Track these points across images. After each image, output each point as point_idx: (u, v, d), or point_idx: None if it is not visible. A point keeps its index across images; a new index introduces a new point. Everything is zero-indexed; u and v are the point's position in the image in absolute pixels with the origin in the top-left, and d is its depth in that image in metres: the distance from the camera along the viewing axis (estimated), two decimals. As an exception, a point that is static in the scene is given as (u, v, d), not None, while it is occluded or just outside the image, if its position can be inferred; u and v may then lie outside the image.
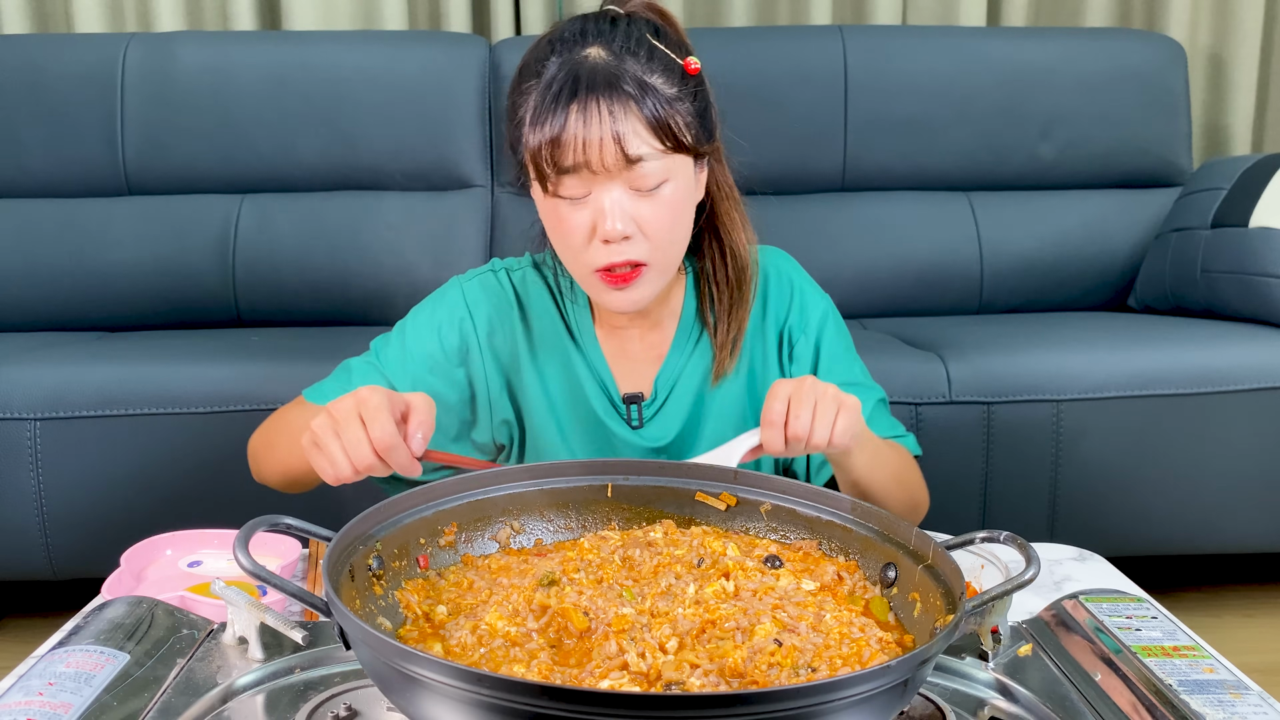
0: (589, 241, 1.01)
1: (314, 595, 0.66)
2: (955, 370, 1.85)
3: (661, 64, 1.00)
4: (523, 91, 1.02)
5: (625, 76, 0.97)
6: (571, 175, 0.98)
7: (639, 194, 1.00)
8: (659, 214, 1.01)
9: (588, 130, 0.96)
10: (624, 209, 0.99)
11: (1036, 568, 0.68)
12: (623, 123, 0.97)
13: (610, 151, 0.97)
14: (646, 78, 0.98)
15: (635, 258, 1.01)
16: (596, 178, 0.98)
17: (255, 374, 1.80)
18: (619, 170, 0.98)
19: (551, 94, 0.98)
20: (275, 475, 1.11)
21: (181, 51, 2.30)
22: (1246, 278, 2.04)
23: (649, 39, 1.01)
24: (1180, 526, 1.91)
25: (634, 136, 0.97)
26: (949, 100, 2.39)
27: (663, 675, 0.63)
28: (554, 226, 1.04)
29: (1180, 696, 0.72)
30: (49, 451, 1.75)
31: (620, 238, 0.99)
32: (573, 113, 0.96)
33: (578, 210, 1.00)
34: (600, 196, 0.99)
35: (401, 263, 2.29)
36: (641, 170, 0.98)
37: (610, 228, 0.99)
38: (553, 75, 0.99)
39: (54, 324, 2.26)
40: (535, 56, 1.03)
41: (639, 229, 1.00)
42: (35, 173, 2.30)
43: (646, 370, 1.15)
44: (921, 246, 2.39)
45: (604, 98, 0.97)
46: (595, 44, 1.00)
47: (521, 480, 0.86)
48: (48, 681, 0.71)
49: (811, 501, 0.85)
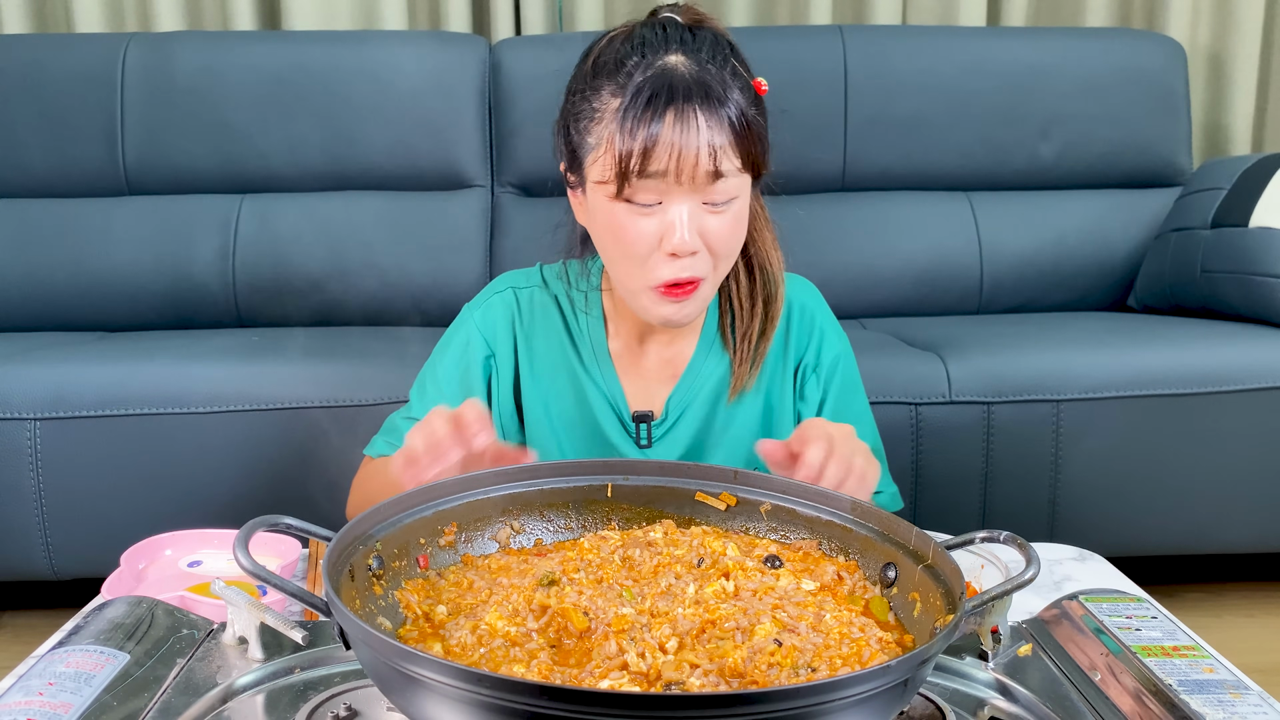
0: (652, 252, 0.99)
1: (314, 595, 0.66)
2: (955, 370, 1.85)
3: (738, 81, 0.99)
4: (596, 88, 1.00)
5: (716, 89, 0.97)
6: (651, 181, 0.97)
7: (710, 208, 0.99)
8: (725, 231, 1.00)
9: (684, 139, 0.95)
10: (694, 222, 0.98)
11: (1036, 568, 0.68)
12: (716, 135, 0.96)
13: (703, 163, 0.96)
14: (730, 93, 0.97)
15: (698, 274, 1.00)
16: (674, 188, 0.97)
17: (255, 374, 1.80)
18: (700, 183, 0.97)
19: (645, 97, 0.96)
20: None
21: (181, 51, 2.30)
22: (1246, 278, 2.04)
23: (728, 54, 1.01)
24: (1180, 526, 1.91)
25: (722, 151, 0.96)
26: (949, 100, 2.39)
27: (663, 675, 0.63)
28: (614, 232, 1.01)
29: (1180, 696, 0.72)
30: (49, 451, 1.75)
31: (689, 252, 0.98)
32: (669, 119, 0.95)
33: (645, 218, 0.99)
34: (673, 208, 0.98)
35: (401, 263, 2.29)
36: (720, 185, 0.98)
37: (681, 240, 0.97)
38: (643, 78, 0.97)
39: (54, 324, 2.27)
40: (612, 54, 1.00)
41: (705, 244, 0.99)
42: (35, 173, 2.30)
43: (659, 389, 1.14)
44: (921, 246, 2.39)
45: (701, 108, 0.96)
46: (678, 51, 0.98)
47: (521, 480, 0.86)
48: (48, 681, 0.71)
49: (811, 501, 0.85)
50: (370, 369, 1.82)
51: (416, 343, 1.88)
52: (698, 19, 1.03)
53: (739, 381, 1.12)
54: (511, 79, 2.35)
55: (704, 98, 0.96)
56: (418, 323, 2.30)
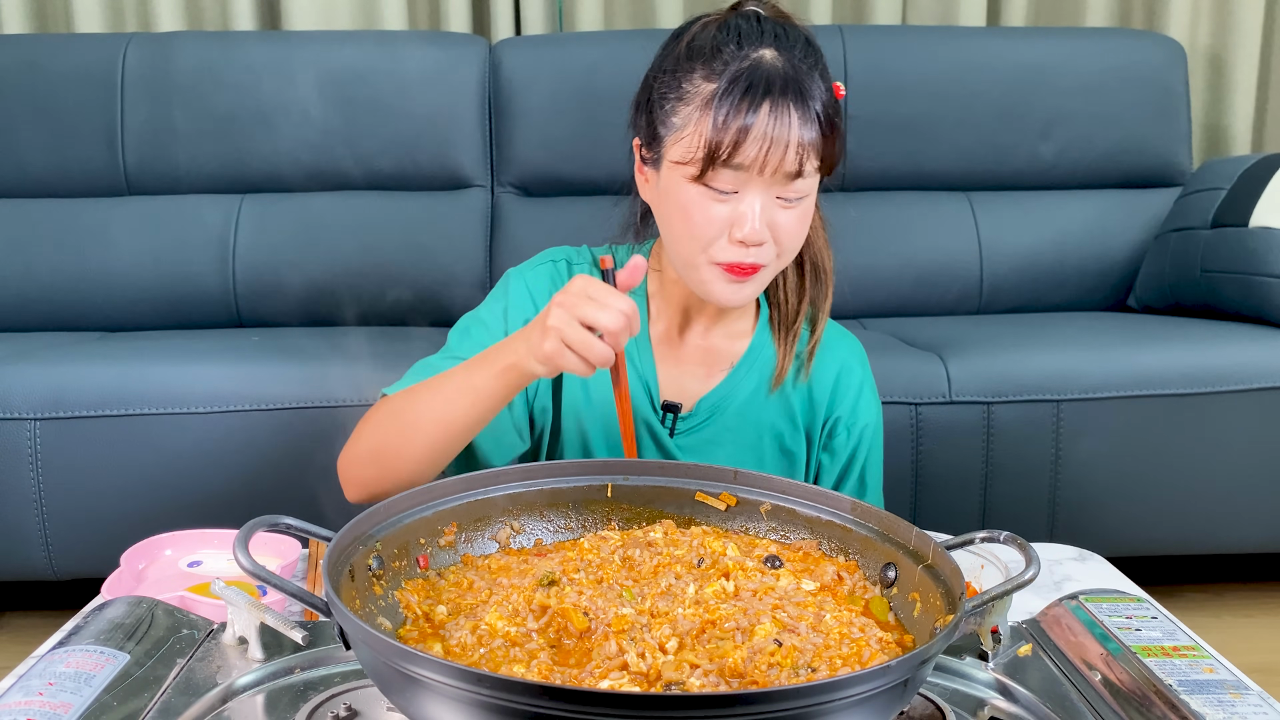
0: (720, 236, 1.01)
1: (314, 595, 0.66)
2: (955, 370, 1.85)
3: (824, 84, 1.01)
4: (689, 70, 1.01)
5: (808, 87, 0.99)
6: (733, 170, 0.99)
7: (781, 203, 1.01)
8: (793, 226, 1.02)
9: (776, 131, 0.97)
10: (766, 215, 1.00)
11: (1036, 568, 0.68)
12: (806, 132, 0.98)
13: (789, 161, 0.98)
14: (819, 93, 1.00)
15: (761, 261, 1.02)
16: (754, 179, 0.99)
17: (255, 374, 1.80)
18: (780, 178, 0.99)
19: (741, 87, 0.97)
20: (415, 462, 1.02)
21: (181, 51, 2.30)
22: (1246, 277, 2.04)
23: (817, 56, 1.03)
24: (1180, 526, 1.91)
25: (807, 149, 0.99)
26: (949, 100, 2.39)
27: (663, 675, 0.63)
28: (684, 211, 1.02)
29: (1180, 696, 0.72)
30: (49, 451, 1.75)
31: (758, 242, 1.00)
32: (764, 112, 0.97)
33: (719, 203, 1.00)
34: (749, 198, 1.00)
35: (401, 263, 2.29)
36: (797, 183, 1.00)
37: (752, 230, 0.99)
38: (739, 67, 0.98)
39: (54, 324, 2.26)
40: (708, 39, 1.02)
41: (773, 236, 1.01)
42: (35, 173, 2.30)
43: (693, 380, 1.15)
44: (921, 246, 2.39)
45: (795, 105, 0.98)
46: (771, 45, 1.00)
47: (521, 480, 0.86)
48: (48, 681, 0.71)
49: (811, 501, 0.85)
50: (370, 369, 1.82)
51: (417, 342, 1.88)
52: (783, 15, 1.05)
53: (782, 373, 1.14)
54: (511, 79, 2.35)
55: (797, 95, 0.98)
56: (418, 323, 2.30)
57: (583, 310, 0.87)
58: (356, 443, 1.06)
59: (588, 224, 2.31)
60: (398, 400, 1.05)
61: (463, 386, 0.97)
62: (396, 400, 1.05)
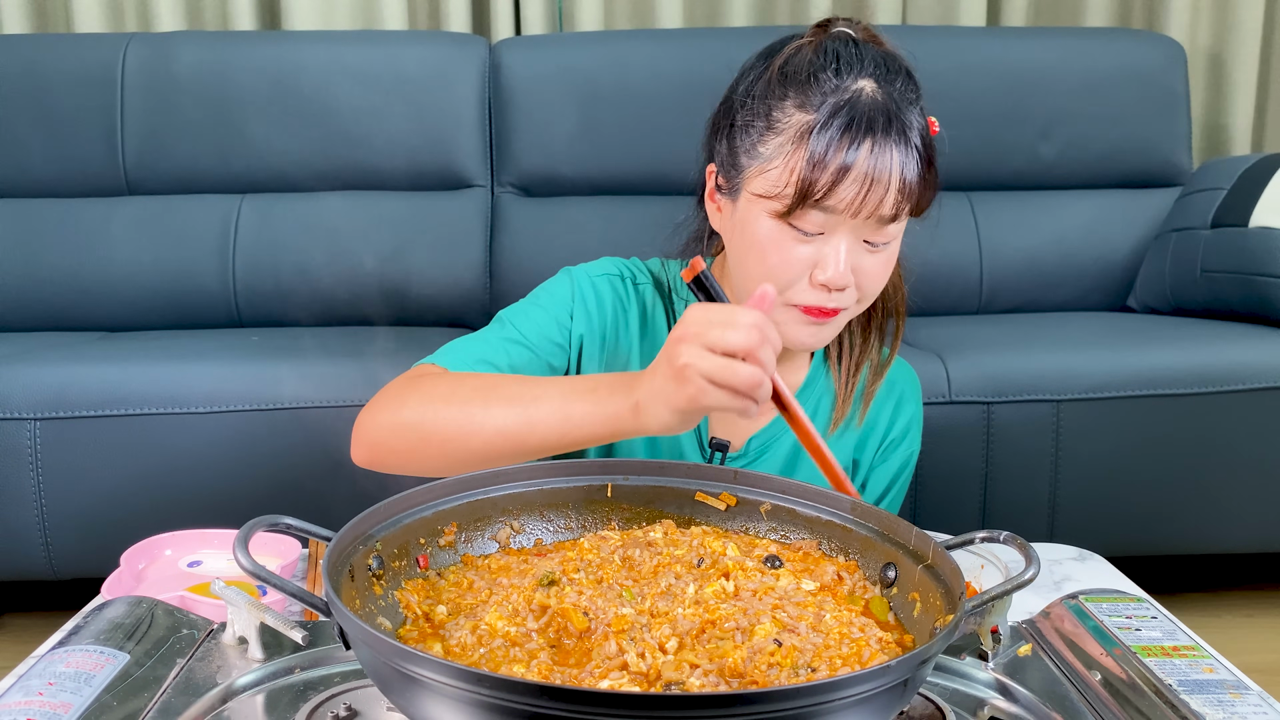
0: (800, 279, 0.95)
1: (314, 595, 0.66)
2: (955, 370, 1.85)
3: (920, 122, 0.95)
4: (780, 96, 0.94)
5: (909, 129, 0.92)
6: (825, 212, 0.92)
7: (868, 247, 0.95)
8: (877, 270, 0.97)
9: (877, 173, 0.91)
10: (851, 258, 0.94)
11: (1036, 568, 0.68)
12: (903, 176, 0.92)
13: (889, 202, 0.92)
14: (916, 132, 0.93)
15: (843, 305, 0.97)
16: (844, 222, 0.93)
17: (255, 374, 1.80)
18: (875, 222, 0.93)
19: (842, 120, 0.91)
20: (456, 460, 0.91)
21: (181, 51, 2.31)
22: (1246, 278, 2.04)
23: (916, 91, 0.97)
24: (1180, 526, 1.91)
25: (906, 193, 0.93)
26: (949, 100, 2.37)
27: (662, 675, 0.63)
28: (763, 251, 0.95)
29: (1180, 696, 0.72)
30: (49, 451, 1.75)
31: (841, 287, 0.95)
32: (866, 149, 0.90)
33: (801, 244, 0.94)
34: (835, 240, 0.93)
35: (401, 263, 2.29)
36: (890, 227, 0.94)
37: (836, 275, 0.93)
38: (840, 100, 0.91)
39: (54, 324, 2.27)
40: (803, 64, 0.95)
41: (856, 280, 0.96)
42: (35, 173, 2.30)
43: (743, 423, 1.08)
44: (921, 247, 2.38)
45: (897, 145, 0.92)
46: (870, 77, 0.93)
47: (521, 480, 0.86)
48: (48, 681, 0.71)
49: (811, 501, 0.85)
50: (370, 369, 1.82)
51: (417, 342, 1.88)
52: (875, 38, 0.99)
53: (840, 414, 1.08)
54: (511, 79, 2.35)
55: (900, 133, 0.92)
56: (418, 322, 2.30)
57: (711, 337, 0.76)
58: (398, 409, 0.93)
59: (588, 224, 2.34)
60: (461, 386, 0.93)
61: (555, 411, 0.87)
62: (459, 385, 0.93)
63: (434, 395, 0.92)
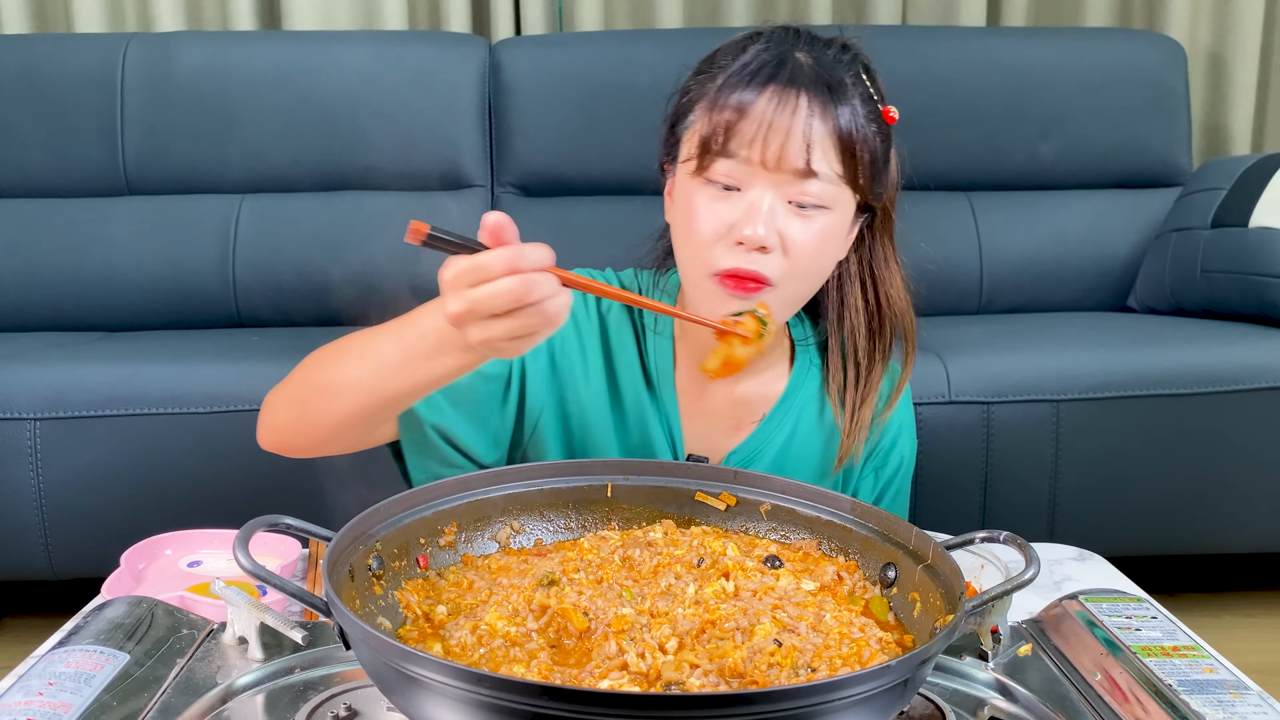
0: (720, 239, 0.91)
1: (314, 595, 0.66)
2: (955, 370, 1.85)
3: (862, 95, 0.93)
4: (711, 75, 0.94)
5: (832, 83, 0.90)
6: (735, 161, 0.90)
7: (795, 210, 0.91)
8: (807, 238, 0.91)
9: (778, 116, 0.88)
10: (774, 218, 0.90)
11: (1036, 568, 0.68)
12: (817, 126, 0.89)
13: (793, 150, 0.88)
14: (847, 96, 0.91)
15: (766, 273, 0.91)
16: (758, 174, 0.90)
17: (255, 374, 1.80)
18: (788, 176, 0.89)
19: (750, 70, 0.90)
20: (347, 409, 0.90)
21: (181, 51, 2.30)
22: (1246, 278, 2.04)
23: (859, 69, 0.95)
24: (1180, 526, 1.91)
25: (820, 146, 0.89)
26: (949, 100, 2.39)
27: (662, 675, 0.63)
28: (687, 215, 0.93)
29: (1180, 696, 0.72)
30: (49, 451, 1.75)
31: (758, 245, 0.90)
32: (768, 93, 0.88)
33: (721, 203, 0.91)
34: (753, 195, 0.90)
35: (401, 263, 2.27)
36: (810, 186, 0.90)
37: (753, 232, 0.89)
38: (753, 57, 0.91)
39: (54, 324, 2.26)
40: (733, 46, 0.96)
41: (781, 245, 0.90)
42: (35, 173, 2.30)
43: (721, 439, 1.05)
44: (921, 246, 2.38)
45: (808, 92, 0.89)
46: (805, 51, 0.93)
47: (521, 480, 0.86)
48: (48, 681, 0.71)
49: (811, 501, 0.85)
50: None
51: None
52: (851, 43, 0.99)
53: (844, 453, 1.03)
54: (511, 79, 2.35)
55: (813, 83, 0.89)
56: (418, 323, 2.30)
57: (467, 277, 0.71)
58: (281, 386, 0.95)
59: (588, 224, 2.34)
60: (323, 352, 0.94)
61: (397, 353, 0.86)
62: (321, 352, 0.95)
63: (303, 366, 0.94)
